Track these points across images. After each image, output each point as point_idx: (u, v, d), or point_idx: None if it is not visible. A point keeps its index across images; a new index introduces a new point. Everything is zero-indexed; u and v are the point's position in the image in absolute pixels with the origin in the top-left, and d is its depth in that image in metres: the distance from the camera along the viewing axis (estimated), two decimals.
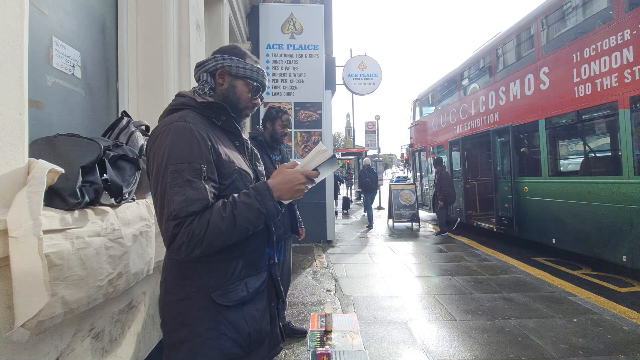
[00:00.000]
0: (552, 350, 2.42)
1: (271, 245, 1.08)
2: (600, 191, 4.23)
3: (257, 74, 1.06)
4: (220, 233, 0.83)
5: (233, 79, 1.04)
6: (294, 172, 0.95)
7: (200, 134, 0.89)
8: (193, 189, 0.83)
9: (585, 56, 4.42)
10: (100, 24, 1.92)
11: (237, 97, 1.05)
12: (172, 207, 0.81)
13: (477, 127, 7.07)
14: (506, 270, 4.43)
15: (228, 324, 0.91)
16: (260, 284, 0.99)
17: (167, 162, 0.84)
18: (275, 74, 6.04)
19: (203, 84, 1.03)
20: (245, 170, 0.99)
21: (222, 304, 0.90)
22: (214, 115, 1.00)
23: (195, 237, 0.81)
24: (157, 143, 0.88)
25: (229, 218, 0.84)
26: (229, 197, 0.89)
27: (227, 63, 1.02)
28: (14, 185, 0.92)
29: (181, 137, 0.87)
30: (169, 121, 0.91)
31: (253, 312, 0.96)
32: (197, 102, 0.98)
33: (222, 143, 0.97)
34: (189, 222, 0.81)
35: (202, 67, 1.05)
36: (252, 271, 0.98)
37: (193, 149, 0.86)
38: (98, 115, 1.87)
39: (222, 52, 1.05)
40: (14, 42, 0.96)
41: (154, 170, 0.88)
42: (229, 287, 0.92)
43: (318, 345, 2.48)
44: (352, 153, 17.60)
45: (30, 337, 0.87)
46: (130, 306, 1.47)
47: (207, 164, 0.87)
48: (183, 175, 0.83)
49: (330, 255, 5.41)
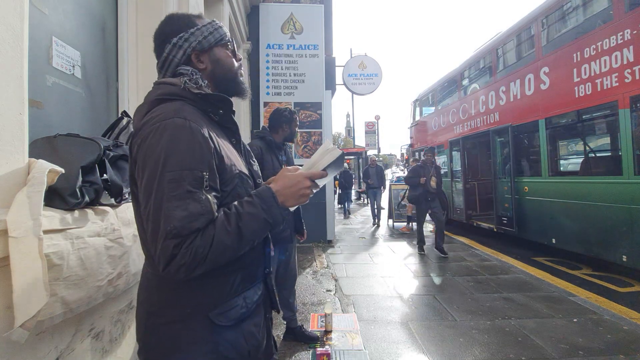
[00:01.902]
0: (552, 350, 2.42)
1: (266, 256, 0.98)
2: (601, 191, 4.23)
3: (221, 31, 0.92)
4: (226, 249, 0.73)
5: (209, 53, 0.90)
6: (298, 176, 0.85)
7: (202, 134, 0.75)
8: (196, 201, 0.71)
9: (585, 56, 4.42)
10: (100, 24, 1.92)
11: (226, 66, 0.92)
12: (173, 224, 0.68)
13: (477, 127, 7.07)
14: (506, 270, 4.43)
15: (227, 345, 0.81)
16: (258, 297, 0.90)
17: (163, 168, 0.70)
18: (275, 74, 6.04)
19: (193, 77, 0.85)
20: (245, 174, 0.89)
21: (221, 324, 0.80)
22: (211, 109, 0.86)
23: (198, 256, 0.69)
24: (149, 143, 0.73)
25: (235, 231, 0.74)
26: (232, 208, 0.77)
27: (194, 40, 0.87)
28: (14, 185, 0.92)
29: (180, 138, 0.73)
30: (163, 117, 0.75)
31: (251, 329, 0.87)
32: (192, 94, 0.82)
33: (222, 143, 0.85)
34: (191, 240, 0.69)
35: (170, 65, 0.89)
36: (249, 283, 0.88)
37: (194, 152, 0.73)
38: (98, 115, 1.87)
39: (174, 32, 0.88)
40: (14, 42, 0.96)
41: (145, 176, 0.72)
42: (228, 304, 0.81)
43: (318, 345, 2.48)
44: (352, 153, 17.62)
45: (30, 337, 0.87)
46: (130, 306, 1.47)
47: (209, 171, 0.75)
48: (183, 186, 0.70)
49: (330, 255, 5.41)
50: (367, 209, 13.26)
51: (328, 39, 6.44)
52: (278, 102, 5.98)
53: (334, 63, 7.14)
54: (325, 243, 6.15)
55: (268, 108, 5.98)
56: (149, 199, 0.71)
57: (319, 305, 3.27)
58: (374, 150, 18.01)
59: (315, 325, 2.84)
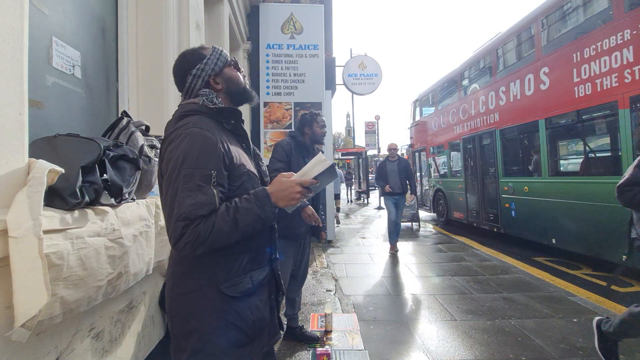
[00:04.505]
0: (552, 350, 2.42)
1: (273, 243, 1.16)
2: (601, 191, 4.23)
3: (224, 54, 1.13)
4: (223, 235, 0.90)
5: (222, 74, 1.11)
6: (291, 182, 1.02)
7: (213, 140, 0.95)
8: (203, 193, 0.90)
9: (585, 56, 4.42)
10: (100, 24, 1.92)
11: (236, 81, 1.14)
12: (183, 209, 0.87)
13: (477, 127, 7.07)
14: (506, 270, 4.43)
15: (235, 313, 0.98)
16: (263, 277, 1.07)
17: (180, 166, 0.90)
18: (275, 74, 6.04)
19: (209, 96, 1.06)
20: (253, 172, 1.07)
21: (230, 295, 0.98)
22: (224, 120, 1.07)
23: (200, 237, 0.87)
24: (172, 147, 0.94)
25: (232, 221, 0.91)
26: (232, 202, 0.95)
27: (210, 68, 1.08)
28: (14, 185, 0.92)
29: (195, 143, 0.93)
30: (185, 127, 0.96)
31: (257, 303, 1.04)
32: (208, 109, 1.03)
33: (233, 146, 1.04)
34: (196, 224, 0.88)
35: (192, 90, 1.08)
36: (256, 265, 1.06)
37: (205, 155, 0.92)
38: (98, 115, 1.87)
39: (191, 65, 1.08)
40: (14, 42, 0.96)
41: (168, 172, 0.93)
42: (236, 279, 0.99)
43: (318, 345, 2.48)
44: (352, 153, 17.62)
45: (30, 337, 0.87)
46: (130, 306, 1.47)
47: (217, 170, 0.94)
48: (194, 180, 0.90)
49: (331, 255, 5.41)
50: (367, 209, 13.23)
51: (328, 39, 6.45)
52: (278, 102, 5.98)
53: (334, 63, 7.15)
54: (325, 243, 6.15)
55: (268, 108, 5.99)
56: (168, 189, 0.91)
57: (319, 305, 3.27)
58: (374, 150, 17.99)
59: (315, 325, 2.84)
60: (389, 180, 5.36)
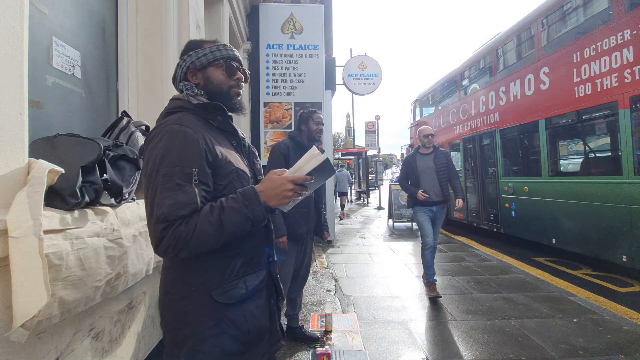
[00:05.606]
0: (552, 350, 2.42)
1: (270, 245, 1.09)
2: (601, 191, 4.23)
3: (218, 52, 1.03)
4: (208, 237, 0.84)
5: (203, 71, 1.03)
6: (281, 179, 0.93)
7: (194, 137, 0.89)
8: (183, 192, 0.84)
9: (585, 56, 4.42)
10: (100, 24, 1.92)
11: (216, 83, 1.04)
12: (162, 210, 0.82)
13: (477, 127, 7.07)
14: (506, 270, 4.43)
15: (229, 321, 0.93)
16: (259, 282, 1.01)
17: (159, 165, 0.86)
18: (275, 74, 6.03)
19: (189, 88, 1.02)
20: (242, 170, 1.00)
21: (222, 302, 0.92)
22: (210, 116, 1.01)
23: (181, 240, 0.82)
24: (152, 145, 0.89)
25: (216, 223, 0.85)
26: (217, 202, 0.89)
27: (189, 60, 1.02)
28: (14, 185, 0.92)
29: (174, 140, 0.87)
30: (165, 124, 0.92)
31: (252, 309, 0.98)
32: (192, 105, 0.98)
33: (219, 143, 0.98)
34: (177, 226, 0.82)
35: (175, 79, 1.07)
36: (251, 269, 0.99)
37: (185, 152, 0.87)
38: (98, 115, 1.87)
39: (183, 53, 1.05)
40: (14, 42, 0.96)
41: (147, 172, 0.88)
42: (229, 285, 0.93)
43: (318, 346, 2.48)
44: (352, 153, 17.62)
45: (30, 337, 0.87)
46: (130, 306, 1.47)
47: (199, 168, 0.88)
48: (174, 179, 0.84)
49: (330, 255, 5.41)
50: (367, 209, 13.22)
51: (328, 39, 6.44)
52: (278, 102, 5.98)
53: (334, 63, 7.14)
54: (325, 243, 6.14)
55: (268, 108, 5.98)
56: (148, 190, 0.86)
57: (319, 305, 3.27)
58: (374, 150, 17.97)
59: (315, 325, 2.84)
60: (420, 182, 3.55)
